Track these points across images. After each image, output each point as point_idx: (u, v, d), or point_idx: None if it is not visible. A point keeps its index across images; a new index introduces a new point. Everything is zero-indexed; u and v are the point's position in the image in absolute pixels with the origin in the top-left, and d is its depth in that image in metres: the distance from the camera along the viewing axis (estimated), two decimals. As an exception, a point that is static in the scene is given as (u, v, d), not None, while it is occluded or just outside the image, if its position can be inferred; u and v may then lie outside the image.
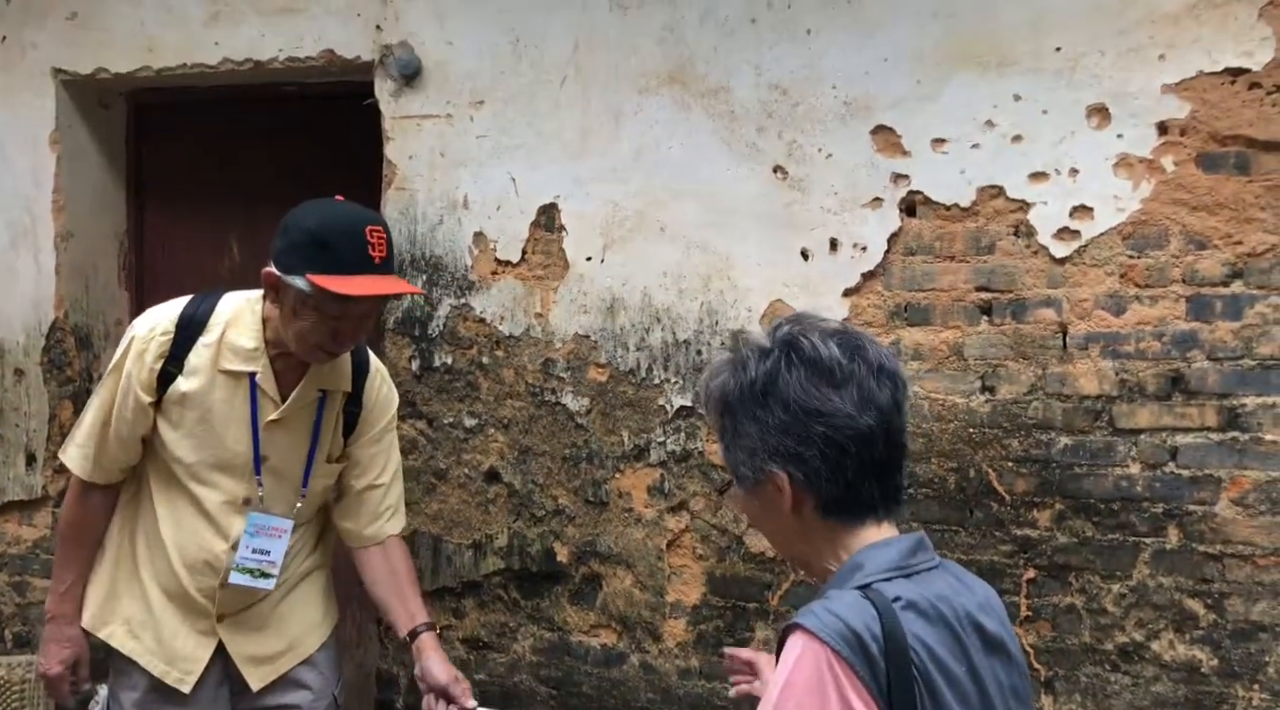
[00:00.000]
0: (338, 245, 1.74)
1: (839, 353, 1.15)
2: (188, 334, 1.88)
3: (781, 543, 1.25)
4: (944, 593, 1.15)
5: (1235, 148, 2.17)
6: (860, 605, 1.08)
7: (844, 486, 1.14)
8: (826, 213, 2.48)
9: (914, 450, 2.43)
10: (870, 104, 2.43)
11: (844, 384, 1.13)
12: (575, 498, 2.73)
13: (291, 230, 1.79)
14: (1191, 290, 2.21)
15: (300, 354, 1.86)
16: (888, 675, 1.05)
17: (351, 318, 1.80)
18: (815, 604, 1.11)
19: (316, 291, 1.74)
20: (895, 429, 1.16)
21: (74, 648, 1.98)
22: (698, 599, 2.62)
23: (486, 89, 2.76)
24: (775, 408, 1.15)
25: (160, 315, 1.92)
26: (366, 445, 2.05)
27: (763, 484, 1.18)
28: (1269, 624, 2.16)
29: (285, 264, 1.77)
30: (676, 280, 2.62)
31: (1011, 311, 2.35)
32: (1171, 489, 2.22)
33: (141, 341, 1.89)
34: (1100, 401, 2.28)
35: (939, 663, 1.09)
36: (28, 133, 3.25)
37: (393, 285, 1.83)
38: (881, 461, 1.15)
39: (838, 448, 1.13)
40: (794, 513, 1.17)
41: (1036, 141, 2.30)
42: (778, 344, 1.18)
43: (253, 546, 1.94)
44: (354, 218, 1.79)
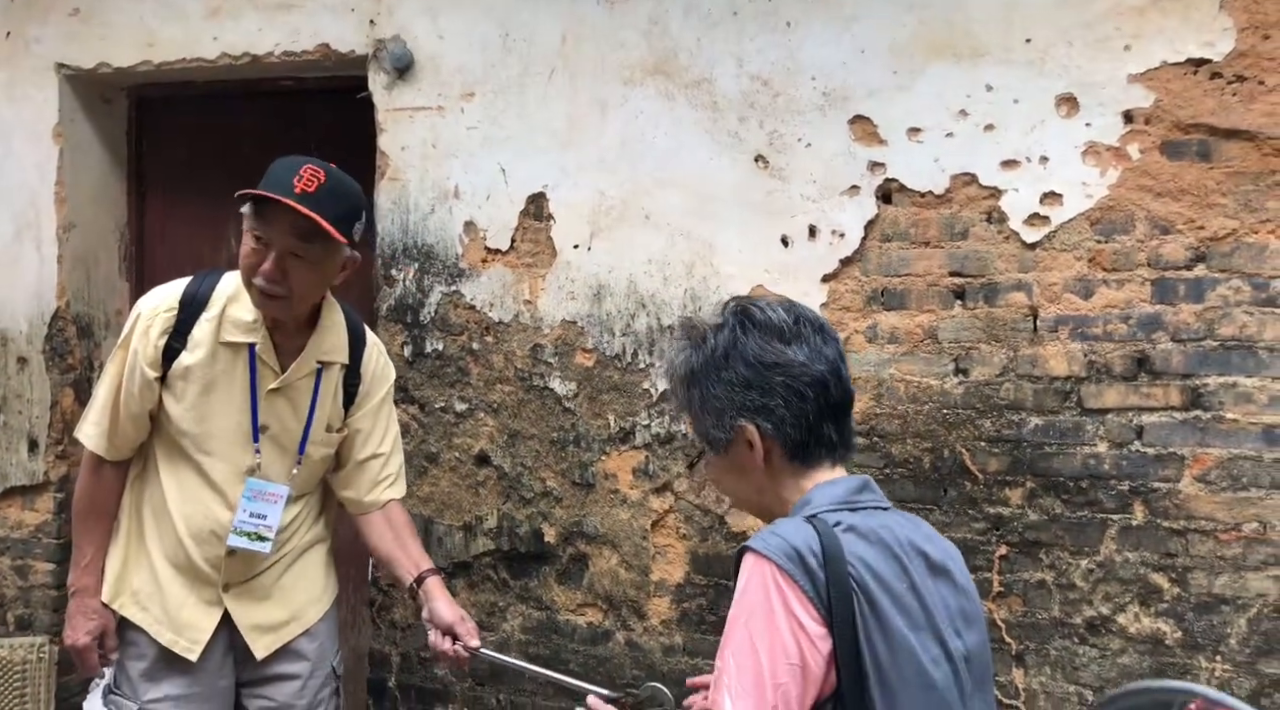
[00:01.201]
0: (273, 172, 1.88)
1: (786, 316, 1.31)
2: (191, 310, 1.96)
3: (753, 498, 1.36)
4: (887, 523, 1.28)
5: (1198, 136, 2.24)
6: (802, 527, 1.22)
7: (807, 429, 1.29)
8: (806, 201, 2.55)
9: (889, 431, 2.50)
10: (848, 94, 2.51)
11: (794, 340, 1.29)
12: (563, 480, 2.80)
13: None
14: (1156, 274, 2.28)
15: (252, 301, 1.94)
16: (827, 586, 1.17)
17: (275, 248, 1.86)
18: (764, 529, 1.25)
19: (247, 211, 1.87)
20: (844, 377, 1.32)
21: (99, 619, 2.03)
22: (681, 577, 2.69)
23: (477, 81, 2.84)
24: (738, 367, 1.29)
25: (165, 293, 2.00)
26: (366, 417, 2.12)
27: (733, 442, 1.32)
28: (1230, 597, 2.23)
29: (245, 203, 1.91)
30: (661, 267, 2.70)
31: (984, 296, 2.42)
32: (1137, 467, 2.29)
33: (147, 319, 1.96)
34: (1069, 382, 2.35)
35: (878, 578, 1.20)
36: (31, 126, 3.33)
37: (301, 208, 1.83)
38: (836, 403, 1.30)
39: (797, 394, 1.28)
40: (765, 463, 1.31)
41: (1008, 130, 2.37)
42: (730, 315, 1.34)
43: (250, 510, 2.01)
44: (302, 159, 1.91)
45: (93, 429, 2.01)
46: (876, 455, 2.50)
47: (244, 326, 1.97)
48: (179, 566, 2.03)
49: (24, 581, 3.39)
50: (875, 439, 2.51)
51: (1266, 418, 2.20)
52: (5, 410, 3.39)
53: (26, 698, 3.28)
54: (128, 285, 3.53)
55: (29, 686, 3.29)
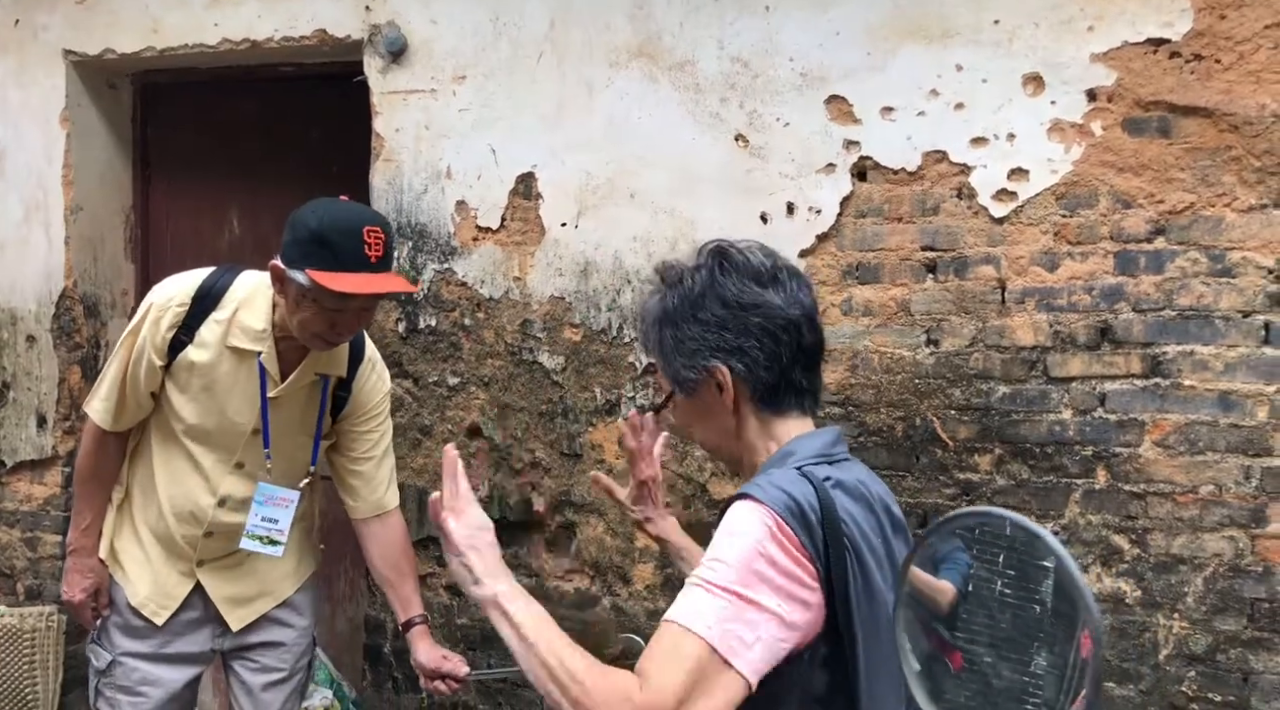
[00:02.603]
0: (337, 243, 1.83)
1: (764, 260, 1.29)
2: (202, 307, 2.00)
3: (720, 443, 1.34)
4: (862, 478, 1.31)
5: (1157, 113, 2.32)
6: (799, 481, 1.21)
7: (778, 373, 1.27)
8: (784, 178, 2.64)
9: (863, 401, 2.59)
10: (824, 75, 2.59)
11: (771, 284, 1.27)
12: (551, 451, 2.90)
13: (296, 227, 1.88)
14: (1118, 246, 2.36)
15: (302, 340, 1.97)
16: (825, 542, 1.17)
17: (349, 311, 1.91)
18: (759, 478, 1.23)
19: (314, 287, 1.84)
20: (818, 324, 1.31)
21: (95, 577, 2.13)
22: (665, 544, 2.78)
23: (468, 64, 2.93)
24: (714, 307, 1.26)
25: (178, 286, 2.04)
26: (358, 425, 2.18)
27: (704, 384, 1.29)
28: (1188, 557, 2.31)
29: (289, 258, 1.88)
30: (645, 244, 2.79)
31: (954, 269, 2.50)
32: (1100, 433, 2.38)
33: (159, 309, 2.01)
34: (1035, 352, 2.43)
35: (864, 535, 1.23)
36: (40, 111, 3.44)
37: (386, 283, 1.91)
38: (809, 349, 1.29)
39: (772, 336, 1.26)
40: (734, 408, 1.29)
41: (977, 109, 2.46)
42: (708, 257, 1.31)
43: (262, 515, 2.10)
44: (354, 218, 1.88)
45: (101, 404, 2.09)
46: (851, 424, 2.59)
47: (253, 335, 2.01)
48: (159, 537, 2.13)
49: (33, 553, 3.50)
50: (850, 408, 2.60)
51: (1222, 384, 2.28)
52: (15, 387, 3.50)
53: (36, 665, 3.39)
54: (133, 267, 3.64)
55: (39, 654, 3.40)
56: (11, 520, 3.53)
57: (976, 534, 1.13)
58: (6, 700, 3.37)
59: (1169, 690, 2.33)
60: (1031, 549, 1.04)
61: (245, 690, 2.20)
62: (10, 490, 3.52)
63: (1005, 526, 1.05)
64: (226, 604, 2.16)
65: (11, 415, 3.50)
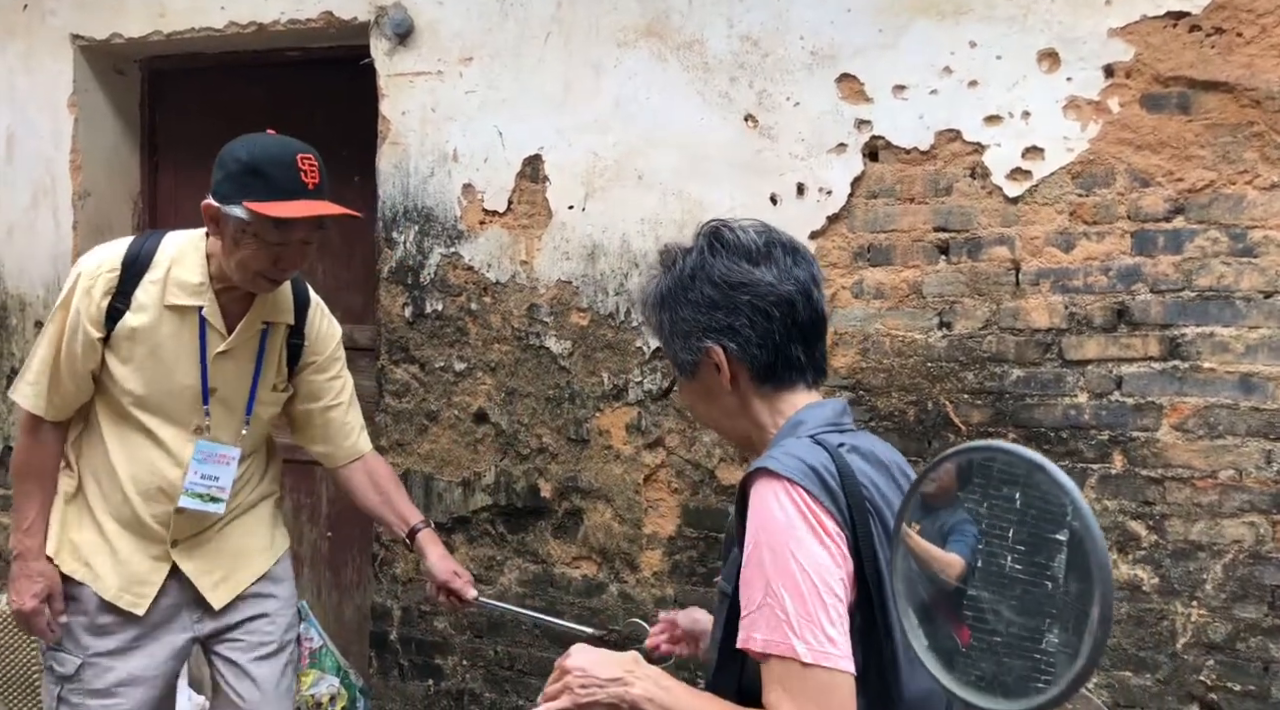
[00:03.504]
0: (271, 173, 1.81)
1: (756, 238, 1.29)
2: (134, 271, 1.92)
3: (726, 424, 1.34)
4: (874, 444, 1.30)
5: (1177, 88, 2.26)
6: (813, 448, 1.20)
7: (773, 350, 1.26)
8: (794, 159, 2.60)
9: (875, 384, 2.54)
10: (835, 53, 2.55)
11: (763, 261, 1.27)
12: (558, 436, 2.87)
13: (226, 162, 1.85)
14: (1136, 226, 2.31)
15: (243, 284, 1.91)
16: (847, 504, 1.16)
17: (291, 245, 1.86)
18: (772, 450, 1.23)
19: (255, 218, 1.79)
20: (815, 299, 1.29)
21: (45, 580, 1.96)
22: (673, 531, 2.75)
23: (475, 46, 2.90)
24: (705, 287, 1.27)
25: (106, 253, 1.96)
26: (316, 373, 2.13)
27: (702, 365, 1.29)
28: (1206, 543, 2.26)
29: (221, 194, 1.83)
30: (654, 226, 2.75)
31: (967, 250, 2.45)
32: (1116, 417, 2.32)
33: (88, 278, 1.92)
34: (1050, 334, 2.38)
35: (884, 497, 1.22)
36: (48, 96, 3.43)
37: (326, 207, 1.86)
38: (805, 325, 1.27)
39: (763, 314, 1.25)
40: (733, 386, 1.29)
41: (990, 86, 2.41)
42: (701, 238, 1.32)
43: (201, 472, 2.01)
44: (285, 146, 1.86)
45: (29, 389, 1.96)
46: (862, 408, 2.55)
47: (190, 289, 1.94)
48: (124, 523, 2.01)
49: (42, 539, 3.49)
50: (861, 392, 2.55)
51: (1243, 366, 2.22)
52: (23, 373, 3.50)
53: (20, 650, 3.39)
54: (141, 252, 3.62)
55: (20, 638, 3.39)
56: (21, 506, 3.52)
57: (985, 508, 1.09)
58: (14, 687, 3.36)
59: (1187, 679, 2.27)
60: (1043, 516, 1.00)
61: (237, 672, 2.10)
62: (19, 476, 3.52)
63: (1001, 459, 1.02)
64: (206, 582, 2.06)
65: (20, 401, 3.50)
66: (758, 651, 1.14)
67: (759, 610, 1.13)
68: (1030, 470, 0.98)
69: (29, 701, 3.37)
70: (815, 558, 1.12)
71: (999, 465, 1.07)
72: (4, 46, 3.48)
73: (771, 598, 1.12)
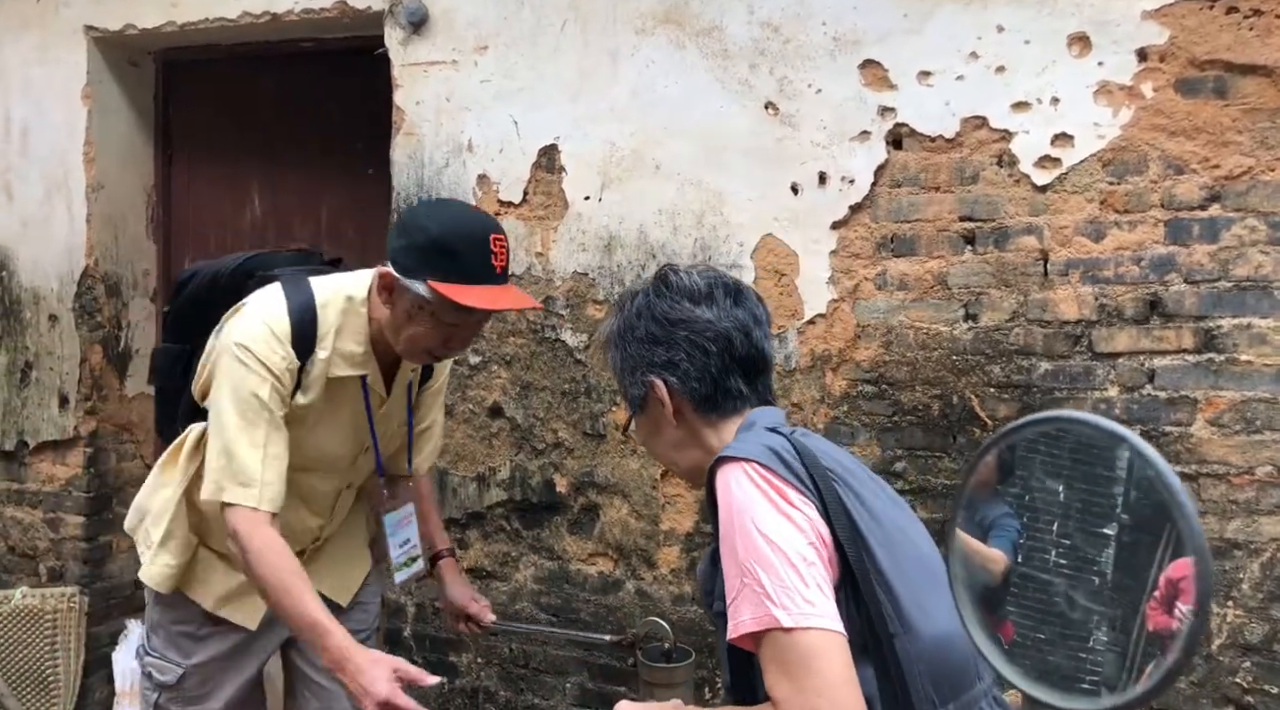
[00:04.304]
0: (462, 252, 1.67)
1: (700, 281, 1.35)
2: (302, 351, 1.78)
3: (675, 456, 1.39)
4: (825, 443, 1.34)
5: (1213, 72, 2.19)
6: (765, 433, 1.25)
7: (711, 383, 1.32)
8: (816, 147, 2.54)
9: (898, 378, 2.49)
10: (858, 39, 2.49)
11: (703, 302, 1.34)
12: (574, 431, 2.82)
13: (411, 231, 1.72)
14: (1169, 214, 2.24)
15: (404, 355, 1.83)
16: (810, 477, 1.18)
17: (468, 325, 1.77)
18: (730, 444, 1.27)
19: (437, 299, 1.67)
20: (755, 337, 1.34)
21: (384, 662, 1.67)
22: (690, 527, 2.70)
23: (490, 34, 2.86)
24: (649, 325, 1.35)
25: (273, 340, 1.75)
26: (433, 396, 2.09)
27: (648, 400, 1.36)
28: (1243, 541, 2.19)
29: (404, 266, 1.70)
30: (671, 217, 2.70)
31: (994, 240, 2.39)
32: (1149, 411, 2.26)
33: (264, 362, 1.74)
34: (1080, 326, 2.32)
35: (844, 465, 1.25)
36: (62, 88, 3.41)
37: (514, 299, 1.78)
38: (743, 359, 1.33)
39: (700, 349, 1.32)
40: (677, 418, 1.34)
41: (1018, 71, 2.34)
42: (651, 281, 1.40)
43: (397, 541, 2.01)
44: (478, 224, 1.73)
45: (251, 491, 1.71)
46: (885, 403, 2.49)
47: (354, 360, 1.83)
48: None
49: (55, 534, 3.48)
50: (884, 386, 2.50)
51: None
52: (37, 367, 3.48)
53: (58, 646, 3.38)
54: (155, 246, 3.61)
55: (60, 636, 3.38)
56: (34, 501, 3.51)
57: (1027, 500, 1.04)
58: (28, 682, 3.35)
59: (1223, 682, 2.21)
60: (1090, 508, 0.95)
61: None
62: (33, 471, 3.50)
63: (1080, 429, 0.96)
64: (327, 586, 1.99)
65: (34, 395, 3.48)
66: (749, 633, 1.13)
67: (740, 594, 1.14)
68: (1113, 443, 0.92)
69: (42, 696, 3.36)
70: (779, 528, 1.14)
71: (1042, 456, 1.02)
72: (18, 38, 3.46)
73: (747, 577, 1.14)
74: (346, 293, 1.83)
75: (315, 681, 2.09)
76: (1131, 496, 0.96)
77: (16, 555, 3.54)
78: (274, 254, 1.95)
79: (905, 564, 1.18)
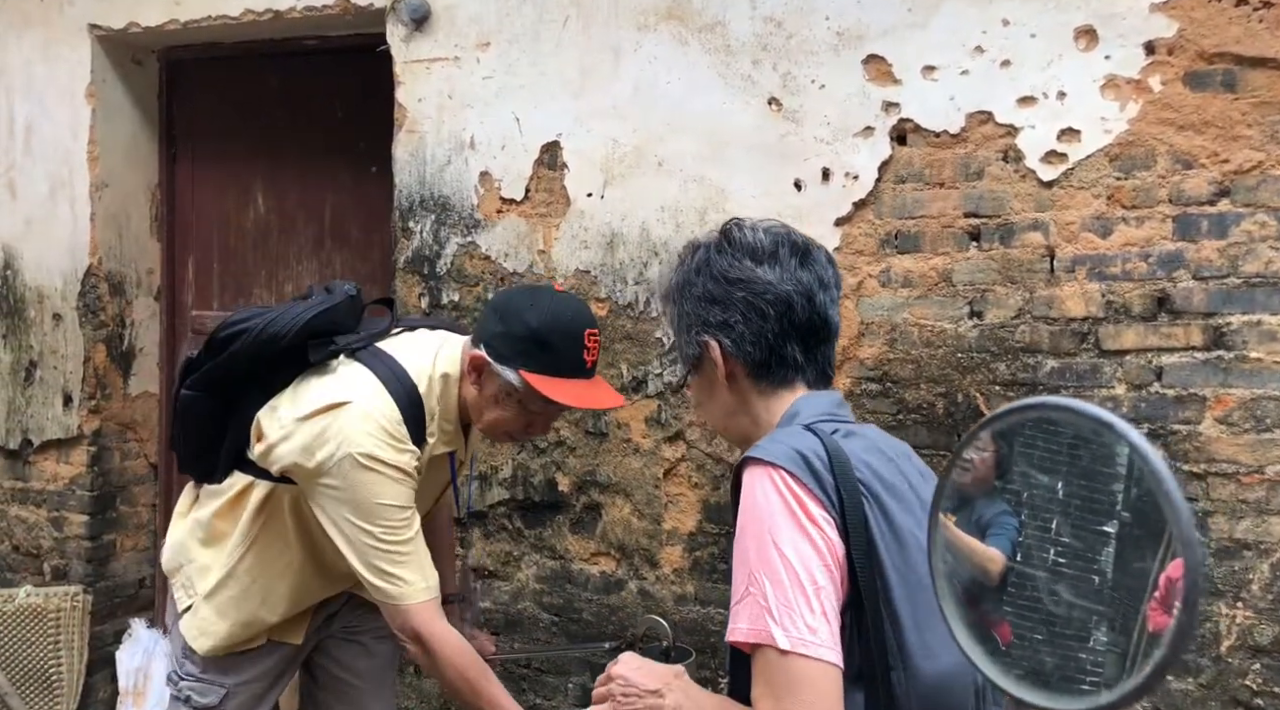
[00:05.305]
0: (558, 347, 1.70)
1: (765, 238, 1.28)
2: (418, 440, 1.77)
3: (726, 421, 1.33)
4: (875, 434, 1.28)
5: (1222, 65, 2.16)
6: (802, 434, 1.18)
7: (767, 348, 1.25)
8: (819, 143, 2.52)
9: (902, 376, 2.46)
10: (862, 33, 2.46)
11: (766, 261, 1.26)
12: (576, 429, 2.80)
13: (509, 320, 1.72)
14: (1178, 210, 2.21)
15: (485, 433, 1.86)
16: (837, 487, 1.13)
17: (550, 414, 1.80)
18: (762, 440, 1.21)
19: (527, 389, 1.70)
20: (819, 302, 1.26)
21: None
22: (693, 526, 2.68)
23: (492, 31, 2.84)
24: (706, 282, 1.28)
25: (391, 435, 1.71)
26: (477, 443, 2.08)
27: (702, 359, 1.29)
28: (1253, 542, 2.15)
29: (498, 353, 1.72)
30: (674, 214, 2.68)
31: (999, 236, 2.36)
32: (1157, 409, 2.23)
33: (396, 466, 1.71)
34: (1086, 323, 2.29)
35: (881, 479, 1.17)
36: (65, 86, 3.41)
37: (603, 397, 1.80)
38: (802, 325, 1.26)
39: (758, 312, 1.25)
40: (730, 383, 1.28)
41: (1024, 66, 2.32)
42: (714, 234, 1.32)
43: None
44: (576, 319, 1.74)
45: (426, 583, 1.74)
46: (889, 401, 2.46)
47: (448, 436, 1.84)
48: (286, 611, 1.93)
49: (59, 533, 3.48)
50: (888, 384, 2.47)
51: (1292, 356, 2.12)
52: (41, 366, 3.48)
53: (61, 645, 3.37)
54: (158, 245, 3.60)
55: (63, 634, 3.38)
56: (38, 499, 3.51)
57: (1025, 497, 1.02)
58: (31, 680, 3.35)
59: (1231, 684, 2.17)
60: (1090, 506, 0.92)
61: (361, 651, 2.05)
62: (37, 469, 3.50)
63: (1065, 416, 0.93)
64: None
65: (38, 394, 3.48)
66: (741, 642, 1.11)
67: (743, 600, 1.12)
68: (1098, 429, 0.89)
69: (45, 695, 3.36)
70: (796, 546, 1.10)
71: (1039, 452, 0.99)
72: (21, 36, 3.46)
73: (754, 586, 1.11)
74: (442, 371, 1.80)
75: (345, 681, 2.09)
76: (1132, 493, 0.94)
77: (20, 554, 3.54)
78: (333, 308, 1.83)
79: (921, 595, 1.12)
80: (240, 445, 1.85)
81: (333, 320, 1.82)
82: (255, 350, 1.79)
